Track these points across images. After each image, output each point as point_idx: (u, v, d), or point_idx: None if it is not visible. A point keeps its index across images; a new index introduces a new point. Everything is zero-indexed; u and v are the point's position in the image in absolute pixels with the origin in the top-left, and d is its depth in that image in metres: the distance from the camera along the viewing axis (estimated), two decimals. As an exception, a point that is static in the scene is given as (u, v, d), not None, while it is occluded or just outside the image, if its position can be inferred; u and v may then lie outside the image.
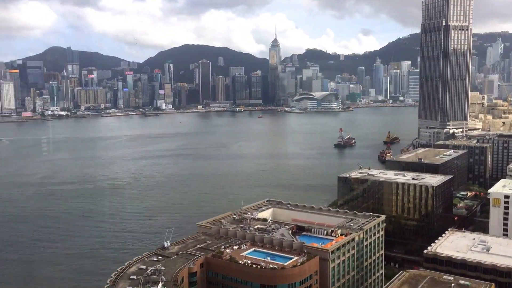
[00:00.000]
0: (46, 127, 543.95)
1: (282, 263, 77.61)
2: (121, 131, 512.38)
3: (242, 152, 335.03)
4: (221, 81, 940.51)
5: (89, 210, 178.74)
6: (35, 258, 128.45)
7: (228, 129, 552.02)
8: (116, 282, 70.68)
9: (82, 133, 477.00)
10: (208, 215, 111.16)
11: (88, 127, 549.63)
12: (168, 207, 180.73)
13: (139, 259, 79.58)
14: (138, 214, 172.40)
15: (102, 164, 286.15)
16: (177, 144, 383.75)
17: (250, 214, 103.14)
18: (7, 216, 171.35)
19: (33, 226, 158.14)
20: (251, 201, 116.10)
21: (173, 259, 79.28)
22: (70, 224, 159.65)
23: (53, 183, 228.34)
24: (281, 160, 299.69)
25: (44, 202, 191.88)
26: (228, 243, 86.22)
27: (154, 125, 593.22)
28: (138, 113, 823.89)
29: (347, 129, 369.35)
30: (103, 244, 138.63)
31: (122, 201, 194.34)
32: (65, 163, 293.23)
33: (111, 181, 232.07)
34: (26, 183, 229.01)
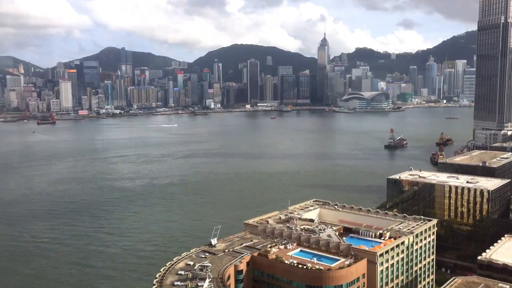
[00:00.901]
0: (111, 128, 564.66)
1: (328, 265, 76.75)
2: (171, 130, 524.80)
3: (290, 152, 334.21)
4: (269, 80, 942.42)
5: (140, 205, 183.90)
6: (88, 250, 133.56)
7: (275, 128, 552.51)
8: (165, 277, 72.37)
9: (138, 133, 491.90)
10: (254, 213, 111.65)
11: (140, 128, 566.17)
12: (216, 205, 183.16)
13: (187, 255, 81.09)
14: (186, 210, 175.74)
15: (152, 162, 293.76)
16: (225, 143, 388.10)
17: (297, 214, 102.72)
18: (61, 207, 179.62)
19: (88, 219, 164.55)
20: (297, 201, 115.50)
21: (219, 256, 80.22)
22: (120, 220, 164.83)
23: (111, 179, 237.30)
24: (329, 160, 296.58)
25: (96, 196, 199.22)
26: (274, 242, 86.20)
27: (203, 123, 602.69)
28: (188, 112, 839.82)
29: (397, 130, 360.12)
30: (152, 239, 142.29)
31: (172, 196, 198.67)
32: (121, 160, 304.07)
33: (162, 178, 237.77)
34: (83, 179, 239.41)
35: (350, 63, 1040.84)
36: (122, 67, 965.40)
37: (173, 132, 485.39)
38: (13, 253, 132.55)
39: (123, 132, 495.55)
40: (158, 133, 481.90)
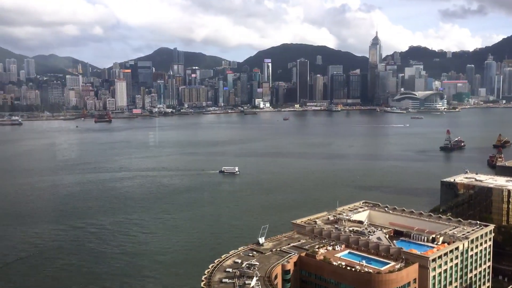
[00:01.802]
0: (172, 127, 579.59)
1: (378, 268, 75.16)
2: (222, 129, 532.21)
3: (339, 152, 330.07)
4: (318, 80, 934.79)
5: (192, 202, 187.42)
6: (138, 245, 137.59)
7: (324, 128, 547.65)
8: (213, 274, 73.42)
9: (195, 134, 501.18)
10: (302, 213, 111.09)
11: (194, 127, 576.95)
12: (264, 203, 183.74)
13: (235, 253, 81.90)
14: (236, 208, 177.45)
15: (205, 160, 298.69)
16: (275, 142, 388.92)
17: (346, 215, 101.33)
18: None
19: (139, 213, 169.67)
20: (346, 202, 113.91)
21: (267, 255, 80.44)
22: (171, 216, 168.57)
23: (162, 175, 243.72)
24: (380, 161, 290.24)
25: (152, 193, 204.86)
26: (322, 243, 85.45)
27: (252, 123, 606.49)
28: (237, 111, 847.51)
29: (453, 131, 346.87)
30: (200, 235, 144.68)
31: (222, 194, 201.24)
32: (174, 157, 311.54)
33: (213, 175, 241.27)
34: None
35: (403, 62, 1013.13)
36: (174, 67, 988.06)
37: (220, 132, 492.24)
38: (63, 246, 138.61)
39: (186, 131, 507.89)
40: (218, 132, 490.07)
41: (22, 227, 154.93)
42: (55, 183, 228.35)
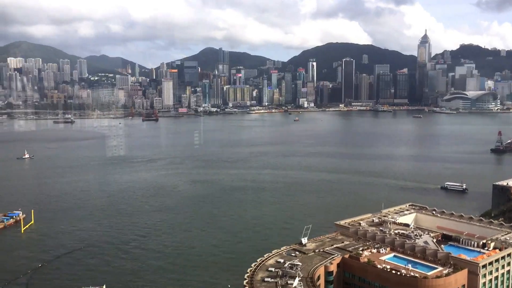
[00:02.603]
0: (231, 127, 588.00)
1: (424, 272, 73.11)
2: (266, 127, 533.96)
3: (385, 152, 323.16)
4: (364, 79, 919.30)
5: (236, 200, 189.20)
6: (184, 242, 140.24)
7: (369, 128, 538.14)
8: (256, 272, 73.77)
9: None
10: (346, 214, 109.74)
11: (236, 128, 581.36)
12: (308, 203, 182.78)
13: (277, 252, 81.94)
14: (279, 208, 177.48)
15: (248, 159, 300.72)
16: (320, 142, 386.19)
17: (391, 217, 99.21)
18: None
19: (186, 209, 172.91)
20: (392, 204, 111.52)
21: (310, 255, 80.00)
22: (216, 215, 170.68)
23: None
24: (427, 162, 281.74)
25: (202, 190, 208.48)
26: (366, 245, 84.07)
27: (296, 123, 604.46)
28: (281, 110, 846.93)
29: (505, 132, 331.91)
30: (244, 233, 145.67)
31: (265, 194, 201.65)
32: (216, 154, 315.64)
33: (254, 175, 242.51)
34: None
35: (453, 61, 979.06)
36: (219, 67, 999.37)
37: (259, 131, 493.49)
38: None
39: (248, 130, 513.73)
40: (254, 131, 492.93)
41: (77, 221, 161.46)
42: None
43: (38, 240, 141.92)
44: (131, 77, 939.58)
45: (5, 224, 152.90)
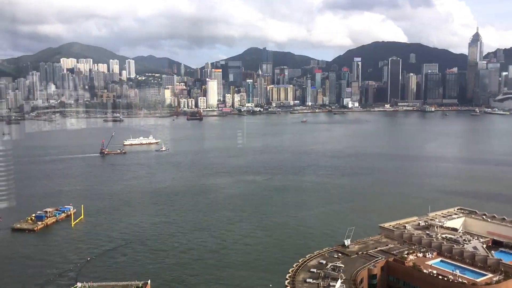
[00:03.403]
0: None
1: (473, 279, 70.47)
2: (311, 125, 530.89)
3: (434, 154, 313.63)
4: (411, 79, 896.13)
5: (278, 201, 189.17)
6: (226, 240, 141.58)
7: (417, 129, 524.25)
8: (297, 273, 73.52)
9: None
10: (391, 217, 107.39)
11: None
12: (351, 205, 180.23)
13: (320, 253, 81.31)
14: (321, 208, 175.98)
15: (297, 159, 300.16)
16: (366, 142, 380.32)
17: (438, 221, 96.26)
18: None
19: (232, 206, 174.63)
20: (439, 207, 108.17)
21: (353, 258, 78.94)
22: (258, 213, 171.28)
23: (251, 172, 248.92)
24: (479, 165, 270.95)
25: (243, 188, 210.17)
26: (412, 249, 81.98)
27: (340, 122, 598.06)
28: (325, 110, 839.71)
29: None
30: (286, 234, 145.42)
31: (307, 195, 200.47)
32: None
33: (295, 176, 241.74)
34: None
35: (506, 60, 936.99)
36: (263, 66, 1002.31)
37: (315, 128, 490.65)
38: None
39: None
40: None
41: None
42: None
43: (87, 234, 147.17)
44: (176, 77, 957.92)
45: (57, 218, 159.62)
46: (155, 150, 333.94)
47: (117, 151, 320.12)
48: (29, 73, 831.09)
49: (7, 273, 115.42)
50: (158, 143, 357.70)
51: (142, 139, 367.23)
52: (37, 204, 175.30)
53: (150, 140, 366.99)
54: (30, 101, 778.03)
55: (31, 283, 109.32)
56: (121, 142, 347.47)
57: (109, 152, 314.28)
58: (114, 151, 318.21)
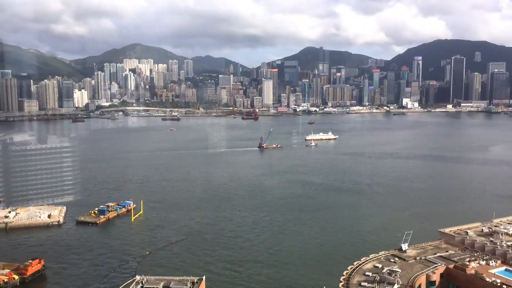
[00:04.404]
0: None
1: (541, 291, 66.42)
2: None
3: (500, 158, 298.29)
4: (476, 78, 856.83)
5: (334, 201, 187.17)
6: (281, 238, 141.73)
7: (483, 131, 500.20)
8: (352, 276, 72.39)
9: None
10: (451, 222, 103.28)
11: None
12: (409, 208, 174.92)
13: (375, 257, 79.62)
14: (378, 211, 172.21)
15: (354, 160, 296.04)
16: (425, 144, 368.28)
17: (503, 228, 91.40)
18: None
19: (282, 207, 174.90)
20: (505, 214, 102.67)
21: (410, 263, 76.68)
22: (313, 213, 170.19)
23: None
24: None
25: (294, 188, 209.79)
26: (474, 256, 78.43)
27: (400, 123, 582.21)
28: (382, 111, 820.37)
29: None
30: (341, 235, 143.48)
31: (364, 196, 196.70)
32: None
33: (350, 178, 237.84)
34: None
35: None
36: (320, 66, 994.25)
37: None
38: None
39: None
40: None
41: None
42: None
43: (146, 229, 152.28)
44: (233, 77, 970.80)
45: (118, 213, 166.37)
46: (305, 146, 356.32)
47: (273, 145, 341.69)
48: (94, 74, 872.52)
49: (71, 262, 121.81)
50: (336, 139, 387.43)
51: (322, 134, 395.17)
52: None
53: (329, 136, 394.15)
54: (95, 100, 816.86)
55: (94, 273, 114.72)
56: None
57: (267, 147, 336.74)
58: (271, 146, 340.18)
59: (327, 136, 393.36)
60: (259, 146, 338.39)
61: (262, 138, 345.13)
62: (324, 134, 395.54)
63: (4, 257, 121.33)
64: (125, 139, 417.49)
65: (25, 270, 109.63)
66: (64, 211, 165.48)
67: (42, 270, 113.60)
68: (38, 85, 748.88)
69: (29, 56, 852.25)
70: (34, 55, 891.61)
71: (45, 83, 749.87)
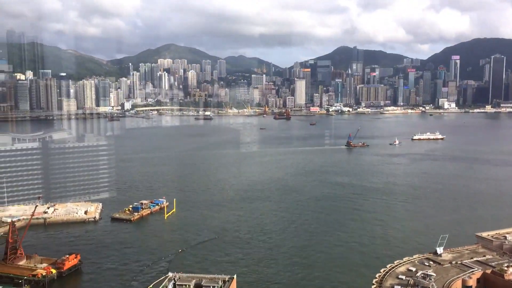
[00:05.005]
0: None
1: None
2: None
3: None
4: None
5: (367, 202, 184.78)
6: (313, 239, 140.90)
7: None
8: (384, 279, 71.30)
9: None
10: (489, 226, 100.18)
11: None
12: (445, 211, 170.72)
13: (409, 260, 78.16)
14: (412, 213, 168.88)
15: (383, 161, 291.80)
16: (462, 146, 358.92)
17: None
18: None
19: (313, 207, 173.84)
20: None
21: (445, 267, 74.88)
22: (345, 214, 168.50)
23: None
24: None
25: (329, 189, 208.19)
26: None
27: (434, 124, 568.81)
28: (418, 111, 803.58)
29: None
30: (372, 237, 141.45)
31: (397, 197, 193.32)
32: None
33: (382, 178, 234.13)
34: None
35: None
36: (353, 66, 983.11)
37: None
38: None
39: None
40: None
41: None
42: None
43: (178, 227, 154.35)
44: (265, 77, 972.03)
45: (151, 210, 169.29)
46: (389, 144, 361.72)
47: (360, 144, 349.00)
48: (130, 74, 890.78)
49: (106, 258, 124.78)
50: (443, 139, 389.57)
51: (429, 134, 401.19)
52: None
53: (437, 135, 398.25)
54: (130, 100, 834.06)
55: (127, 269, 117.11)
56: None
57: (355, 145, 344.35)
58: (357, 144, 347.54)
59: (434, 135, 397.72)
60: (347, 144, 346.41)
61: (350, 137, 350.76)
62: (431, 134, 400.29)
63: (43, 252, 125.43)
64: (159, 138, 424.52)
65: (62, 264, 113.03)
66: (100, 207, 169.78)
67: (79, 265, 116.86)
68: (77, 85, 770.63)
69: (68, 57, 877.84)
70: (72, 55, 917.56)
71: (83, 83, 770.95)
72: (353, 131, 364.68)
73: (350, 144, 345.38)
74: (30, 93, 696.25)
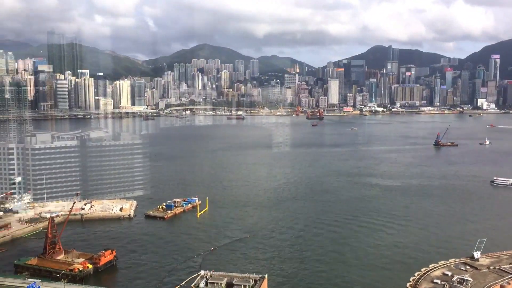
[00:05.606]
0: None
1: None
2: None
3: None
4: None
5: (400, 204, 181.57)
6: (345, 240, 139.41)
7: None
8: (419, 283, 69.97)
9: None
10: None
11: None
12: (483, 214, 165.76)
13: (445, 264, 76.38)
14: (447, 216, 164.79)
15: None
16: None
17: None
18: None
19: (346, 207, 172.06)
20: None
21: (483, 272, 72.82)
22: (382, 214, 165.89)
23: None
24: None
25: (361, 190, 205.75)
26: (556, 269, 72.88)
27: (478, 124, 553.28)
28: (455, 111, 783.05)
29: None
30: (406, 239, 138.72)
31: (433, 200, 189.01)
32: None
33: (420, 181, 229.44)
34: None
35: None
36: (388, 65, 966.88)
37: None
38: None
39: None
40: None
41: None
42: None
43: (210, 225, 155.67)
44: (298, 76, 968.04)
45: (184, 209, 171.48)
46: (479, 144, 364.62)
47: (448, 143, 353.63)
48: (165, 73, 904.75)
49: (140, 254, 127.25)
50: None
51: None
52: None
53: None
54: (165, 99, 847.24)
55: (160, 266, 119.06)
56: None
57: (444, 144, 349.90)
58: (446, 143, 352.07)
59: None
60: (436, 143, 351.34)
61: (438, 136, 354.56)
62: None
63: (80, 247, 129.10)
64: (192, 137, 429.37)
65: (99, 259, 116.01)
66: (135, 205, 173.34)
67: (114, 260, 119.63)
68: (113, 85, 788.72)
69: (105, 57, 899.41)
70: (109, 56, 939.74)
71: (119, 83, 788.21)
72: (441, 131, 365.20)
73: (439, 143, 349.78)
74: (69, 92, 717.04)
